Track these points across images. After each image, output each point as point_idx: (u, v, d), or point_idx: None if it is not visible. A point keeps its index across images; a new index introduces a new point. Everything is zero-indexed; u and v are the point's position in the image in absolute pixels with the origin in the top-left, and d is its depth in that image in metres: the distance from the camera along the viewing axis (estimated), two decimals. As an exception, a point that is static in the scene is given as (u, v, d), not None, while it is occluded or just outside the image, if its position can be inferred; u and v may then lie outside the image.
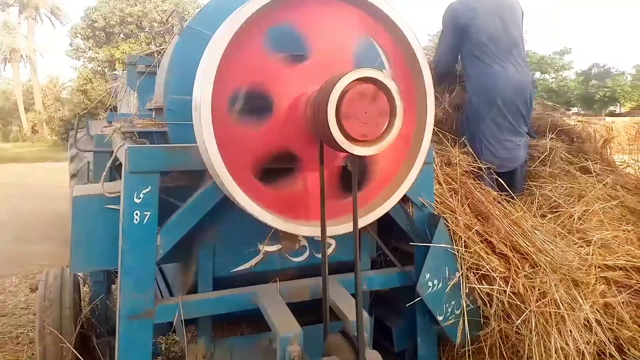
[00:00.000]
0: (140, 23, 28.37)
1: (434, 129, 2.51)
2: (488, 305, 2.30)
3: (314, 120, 1.66)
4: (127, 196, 1.85)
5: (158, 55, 2.95)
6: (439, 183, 2.67)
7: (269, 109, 1.74)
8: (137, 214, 1.86)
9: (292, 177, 1.85)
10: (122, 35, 29.07)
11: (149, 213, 1.87)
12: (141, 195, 1.86)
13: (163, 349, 2.36)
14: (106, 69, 28.06)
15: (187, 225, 1.97)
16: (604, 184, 3.12)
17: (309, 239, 2.29)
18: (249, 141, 1.72)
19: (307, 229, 1.86)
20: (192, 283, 2.19)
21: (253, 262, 2.20)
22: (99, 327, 2.95)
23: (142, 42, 26.48)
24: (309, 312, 2.21)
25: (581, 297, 2.22)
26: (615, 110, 47.58)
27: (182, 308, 2.00)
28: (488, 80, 3.17)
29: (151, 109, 2.50)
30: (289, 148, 1.79)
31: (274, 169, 1.82)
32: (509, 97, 3.16)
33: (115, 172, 2.91)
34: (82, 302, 3.04)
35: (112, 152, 2.47)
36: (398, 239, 2.54)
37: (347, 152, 1.61)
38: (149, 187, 1.86)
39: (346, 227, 1.90)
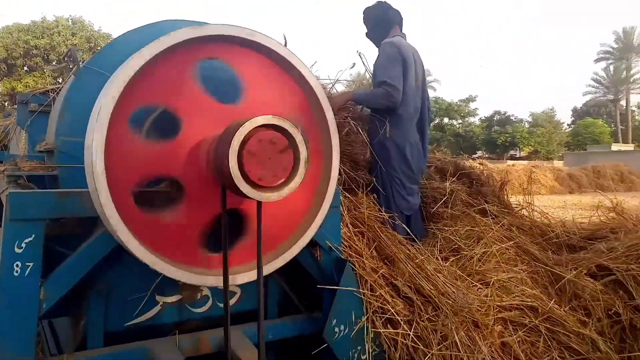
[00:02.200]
0: (47, 56, 27.10)
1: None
2: (393, 349, 2.30)
3: (215, 168, 1.62)
4: (7, 246, 1.67)
5: (53, 94, 2.79)
6: (346, 226, 2.68)
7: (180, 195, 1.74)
8: (17, 266, 1.69)
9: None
10: (26, 68, 27.55)
11: (31, 264, 1.70)
12: (23, 245, 1.69)
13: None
14: (6, 103, 26.33)
15: (76, 276, 1.80)
16: (500, 226, 3.30)
17: (212, 288, 2.20)
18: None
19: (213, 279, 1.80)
20: (82, 338, 2.00)
21: (150, 314, 2.07)
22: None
23: (47, 75, 25.22)
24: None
25: (480, 339, 2.29)
26: (515, 154, 51.70)
27: (67, 368, 1.82)
28: (403, 135, 3.33)
29: (42, 151, 2.33)
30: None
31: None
32: (415, 152, 3.39)
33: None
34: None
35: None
36: (307, 284, 2.51)
37: (250, 198, 1.58)
38: (33, 235, 1.70)
39: (251, 275, 1.85)
